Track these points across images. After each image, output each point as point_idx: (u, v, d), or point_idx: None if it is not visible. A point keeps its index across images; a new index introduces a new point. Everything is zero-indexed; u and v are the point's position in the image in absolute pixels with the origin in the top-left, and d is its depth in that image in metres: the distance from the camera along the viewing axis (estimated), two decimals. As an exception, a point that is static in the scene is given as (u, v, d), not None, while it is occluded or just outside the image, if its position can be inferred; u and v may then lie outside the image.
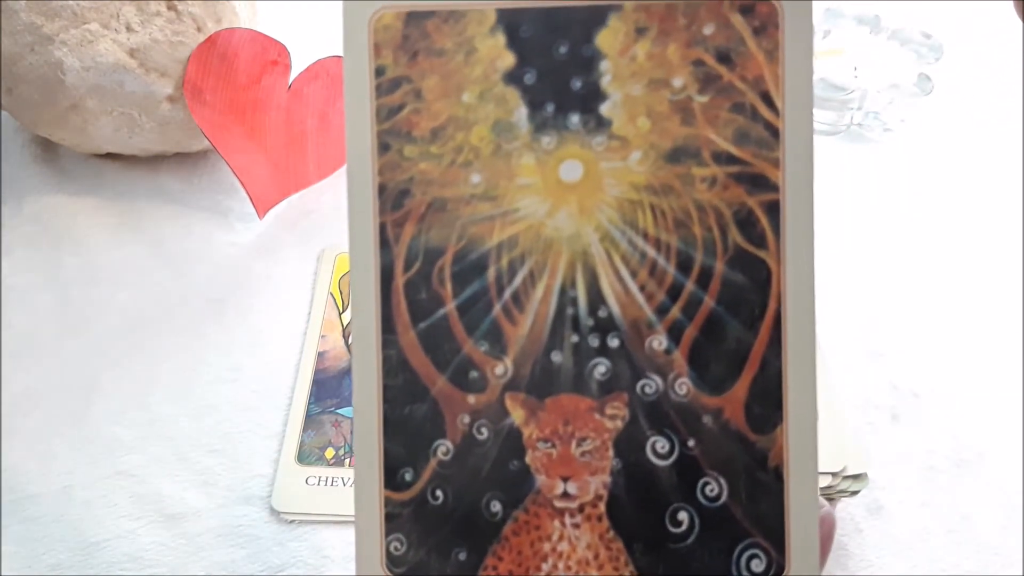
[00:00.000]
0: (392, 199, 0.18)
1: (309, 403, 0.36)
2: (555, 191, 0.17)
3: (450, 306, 0.18)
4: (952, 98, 0.50)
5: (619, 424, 0.18)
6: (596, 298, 0.17)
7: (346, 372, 0.37)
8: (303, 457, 0.35)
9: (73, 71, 0.41)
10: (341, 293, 0.40)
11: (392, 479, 0.17)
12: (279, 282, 0.41)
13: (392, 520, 0.17)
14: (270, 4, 0.51)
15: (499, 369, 0.18)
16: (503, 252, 0.18)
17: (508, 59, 0.18)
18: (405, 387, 0.17)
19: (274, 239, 0.44)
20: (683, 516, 0.17)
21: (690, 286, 0.17)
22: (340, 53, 0.18)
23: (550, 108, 0.17)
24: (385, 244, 0.18)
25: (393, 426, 0.17)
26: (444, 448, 0.18)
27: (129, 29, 0.41)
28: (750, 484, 0.17)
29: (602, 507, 0.18)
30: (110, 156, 0.47)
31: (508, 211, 0.17)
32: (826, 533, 0.18)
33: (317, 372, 0.37)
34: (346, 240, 0.18)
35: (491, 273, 0.18)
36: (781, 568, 0.17)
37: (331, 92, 0.44)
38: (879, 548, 0.32)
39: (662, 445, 0.17)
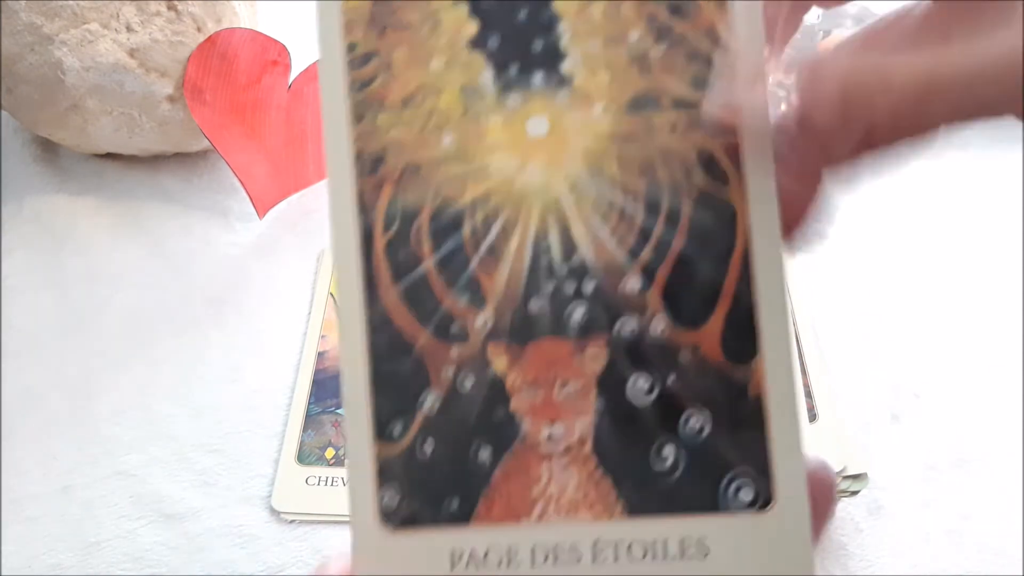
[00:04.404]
0: (368, 165, 0.18)
1: (309, 403, 0.36)
2: (524, 147, 0.18)
3: (429, 263, 0.18)
4: (952, 98, 0.50)
5: (600, 365, 0.18)
6: (569, 246, 0.18)
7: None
8: (303, 457, 0.35)
9: (73, 71, 0.41)
10: (341, 293, 0.40)
11: (381, 433, 0.18)
12: (279, 282, 0.41)
13: (383, 473, 0.18)
14: (270, 4, 0.51)
15: (479, 320, 0.18)
16: (477, 209, 0.18)
17: (471, 27, 0.18)
18: (390, 343, 0.18)
19: (274, 239, 0.44)
20: (668, 451, 0.18)
21: (659, 228, 0.18)
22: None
23: (514, 69, 0.18)
24: (364, 209, 0.18)
25: (380, 382, 0.18)
26: (431, 400, 0.18)
27: (129, 29, 0.41)
28: (732, 415, 0.18)
29: (588, 447, 0.18)
30: (110, 156, 0.47)
31: (479, 169, 0.18)
32: (825, 493, 0.18)
33: (317, 372, 0.37)
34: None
35: (467, 229, 0.18)
36: (769, 496, 0.17)
37: (331, 92, 0.44)
38: (879, 548, 0.32)
39: (643, 382, 0.18)
